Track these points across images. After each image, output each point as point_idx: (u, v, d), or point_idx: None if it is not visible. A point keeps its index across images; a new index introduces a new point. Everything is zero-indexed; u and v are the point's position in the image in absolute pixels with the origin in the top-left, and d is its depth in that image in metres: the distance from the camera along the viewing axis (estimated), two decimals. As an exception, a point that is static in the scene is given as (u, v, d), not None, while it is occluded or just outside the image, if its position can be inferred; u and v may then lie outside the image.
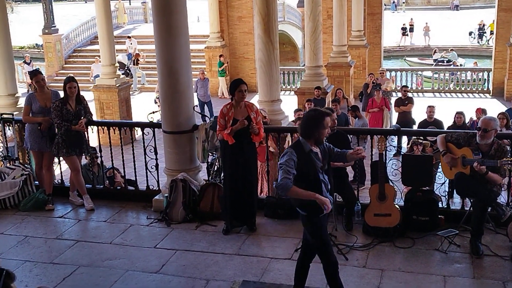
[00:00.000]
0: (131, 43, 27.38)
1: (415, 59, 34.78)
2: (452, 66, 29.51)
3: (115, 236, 7.46)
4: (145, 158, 8.50)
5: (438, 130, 9.85)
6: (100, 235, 7.55)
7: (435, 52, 33.95)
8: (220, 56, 23.96)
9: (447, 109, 16.25)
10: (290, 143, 9.78)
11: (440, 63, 31.33)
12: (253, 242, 7.22)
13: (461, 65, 30.55)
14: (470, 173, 6.57)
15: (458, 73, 25.04)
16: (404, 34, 40.06)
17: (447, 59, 32.17)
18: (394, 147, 11.11)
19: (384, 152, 6.92)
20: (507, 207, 6.86)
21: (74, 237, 7.52)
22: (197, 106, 14.69)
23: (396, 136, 12.56)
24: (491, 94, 23.10)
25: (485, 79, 24.03)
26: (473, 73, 24.46)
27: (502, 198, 7.39)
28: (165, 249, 7.07)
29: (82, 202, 8.46)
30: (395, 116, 16.46)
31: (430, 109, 13.25)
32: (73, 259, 6.87)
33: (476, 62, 30.01)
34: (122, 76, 19.18)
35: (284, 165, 5.11)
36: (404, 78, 24.79)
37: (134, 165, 8.76)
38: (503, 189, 7.36)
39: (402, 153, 8.54)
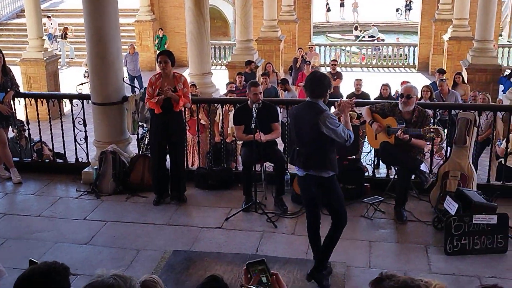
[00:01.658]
0: (51, 23, 26.38)
1: (337, 35, 35.18)
2: (375, 42, 30.08)
3: (43, 209, 7.35)
4: (73, 130, 8.37)
5: (364, 101, 10.09)
6: (28, 208, 7.42)
7: (356, 28, 34.47)
8: (159, 29, 23.62)
9: (374, 82, 16.62)
10: (220, 116, 9.83)
11: (363, 39, 31.84)
12: (184, 213, 7.28)
13: (383, 40, 31.17)
14: (395, 142, 6.80)
15: (384, 48, 25.53)
16: (328, 10, 40.43)
17: (368, 34, 32.75)
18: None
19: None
20: (429, 174, 7.15)
21: (2, 210, 7.38)
22: (126, 77, 14.45)
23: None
24: (416, 68, 23.73)
25: (406, 54, 24.64)
26: (397, 48, 25.00)
27: (425, 166, 7.70)
28: (95, 220, 7.03)
29: (9, 176, 8.27)
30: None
31: (358, 82, 13.51)
32: (1, 232, 6.75)
33: (398, 38, 30.71)
34: (50, 49, 18.63)
35: (339, 125, 5.41)
36: (333, 53, 25.10)
37: (63, 138, 8.61)
38: (425, 157, 7.67)
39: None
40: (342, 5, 41.42)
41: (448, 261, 5.98)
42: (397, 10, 41.03)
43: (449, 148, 7.69)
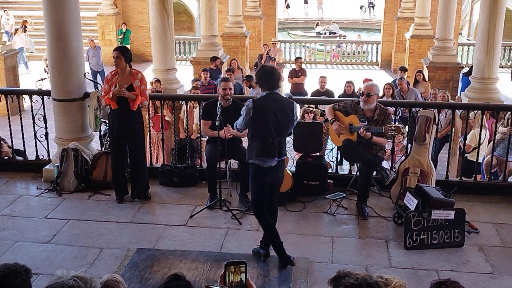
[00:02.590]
0: (8, 19, 25.63)
1: (299, 31, 35.28)
2: (337, 39, 30.25)
3: (3, 207, 7.23)
4: (34, 127, 8.25)
5: (328, 98, 10.19)
6: (-14, 207, 7.28)
7: (317, 24, 34.62)
8: (123, 24, 23.35)
9: (338, 79, 16.77)
10: (185, 113, 9.79)
11: (325, 36, 31.97)
12: (148, 210, 7.25)
13: (344, 37, 31.38)
14: (357, 139, 6.89)
15: (348, 45, 25.70)
16: (287, 7, 40.52)
17: (329, 31, 32.91)
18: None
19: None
20: (390, 171, 7.28)
21: (-41, 209, 7.22)
22: (88, 73, 14.25)
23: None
24: (379, 66, 24.00)
25: (368, 52, 24.88)
26: (360, 46, 25.21)
27: (386, 163, 7.83)
28: (57, 219, 6.95)
29: (-33, 174, 8.11)
30: (288, 86, 16.76)
31: (322, 80, 13.61)
32: (-42, 232, 6.61)
33: (359, 35, 30.96)
34: (8, 43, 18.26)
35: None
36: (298, 50, 25.18)
37: (23, 135, 8.46)
38: (386, 154, 7.78)
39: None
40: (306, 1, 41.57)
41: (408, 256, 6.10)
42: (361, 7, 41.40)
43: (409, 145, 7.82)
